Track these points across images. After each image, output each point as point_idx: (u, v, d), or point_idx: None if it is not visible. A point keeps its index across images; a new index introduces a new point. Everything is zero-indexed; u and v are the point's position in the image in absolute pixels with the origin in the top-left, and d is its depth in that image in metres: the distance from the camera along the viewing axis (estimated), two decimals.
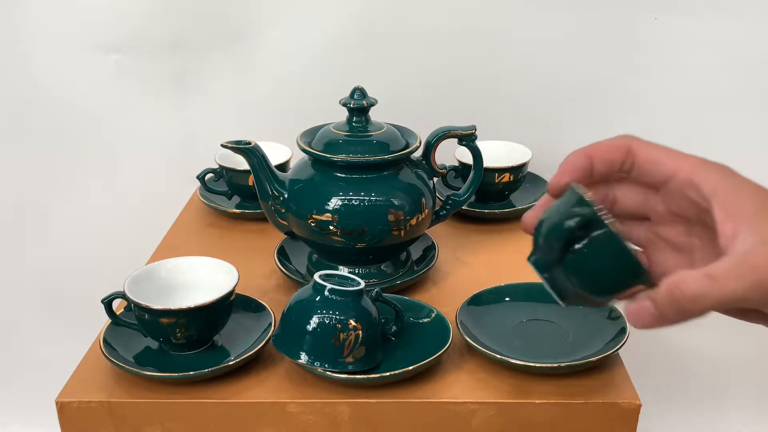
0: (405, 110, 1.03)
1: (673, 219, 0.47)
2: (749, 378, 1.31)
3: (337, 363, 0.66)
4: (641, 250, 0.49)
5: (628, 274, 0.42)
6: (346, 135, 0.80)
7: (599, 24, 1.10)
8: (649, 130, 1.15)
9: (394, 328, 0.73)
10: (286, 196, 0.80)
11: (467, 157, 0.91)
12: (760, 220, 0.40)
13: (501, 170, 0.99)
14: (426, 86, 1.15)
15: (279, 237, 0.90)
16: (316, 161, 0.81)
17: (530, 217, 0.46)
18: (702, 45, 1.10)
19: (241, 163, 0.90)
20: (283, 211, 0.81)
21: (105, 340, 0.71)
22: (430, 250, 0.90)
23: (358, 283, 0.69)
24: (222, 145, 0.78)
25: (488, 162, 0.91)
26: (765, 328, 0.46)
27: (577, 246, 0.42)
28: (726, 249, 0.40)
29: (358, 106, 0.80)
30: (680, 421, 1.34)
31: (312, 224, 0.78)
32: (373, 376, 0.66)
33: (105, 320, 0.73)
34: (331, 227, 0.78)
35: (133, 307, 0.69)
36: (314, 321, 0.66)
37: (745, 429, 1.34)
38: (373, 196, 0.78)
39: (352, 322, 0.66)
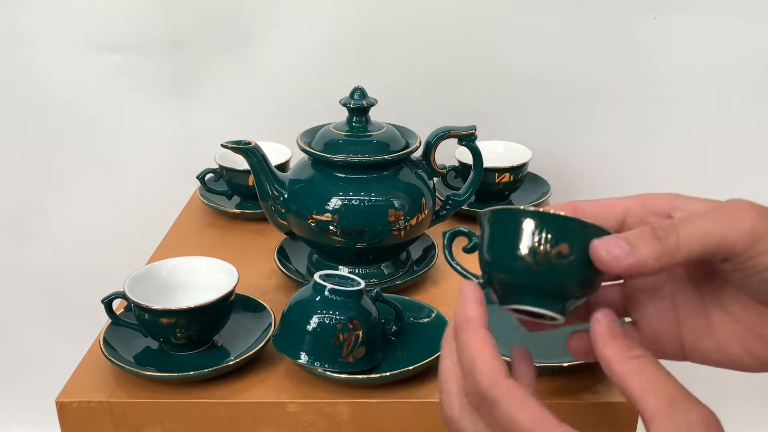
0: (405, 110, 1.03)
1: None
2: (749, 378, 1.31)
3: (337, 363, 0.66)
4: None
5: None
6: (346, 135, 0.80)
7: (599, 24, 1.10)
8: (649, 130, 1.16)
9: (394, 328, 0.73)
10: (286, 196, 0.80)
11: (467, 157, 0.91)
12: None
13: (501, 170, 0.99)
14: (426, 86, 1.15)
15: (279, 237, 0.90)
16: (316, 161, 0.81)
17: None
18: (702, 45, 1.10)
19: (241, 163, 0.90)
20: (283, 211, 0.81)
21: (105, 340, 0.71)
22: (430, 250, 0.90)
23: (358, 283, 0.69)
24: (222, 145, 0.78)
25: (488, 162, 0.91)
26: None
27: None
28: None
29: (358, 106, 0.80)
30: None
31: (312, 224, 0.78)
32: (373, 376, 0.66)
33: (105, 320, 0.73)
34: (331, 227, 0.77)
35: (133, 307, 0.69)
36: (314, 321, 0.66)
37: (745, 429, 1.34)
38: (373, 196, 0.78)
39: (352, 322, 0.66)
